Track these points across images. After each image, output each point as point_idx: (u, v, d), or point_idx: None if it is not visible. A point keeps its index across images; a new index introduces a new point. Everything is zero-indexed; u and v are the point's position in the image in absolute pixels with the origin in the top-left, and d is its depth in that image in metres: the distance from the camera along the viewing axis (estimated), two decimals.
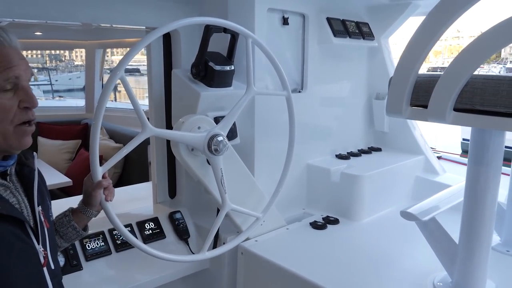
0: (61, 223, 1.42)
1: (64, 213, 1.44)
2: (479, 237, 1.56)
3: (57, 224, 1.41)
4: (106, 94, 1.40)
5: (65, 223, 1.42)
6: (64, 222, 1.42)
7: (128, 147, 1.49)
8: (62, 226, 1.42)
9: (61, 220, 1.42)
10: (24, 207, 1.16)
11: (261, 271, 1.96)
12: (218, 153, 1.76)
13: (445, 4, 1.24)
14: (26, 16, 1.86)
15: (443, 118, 1.29)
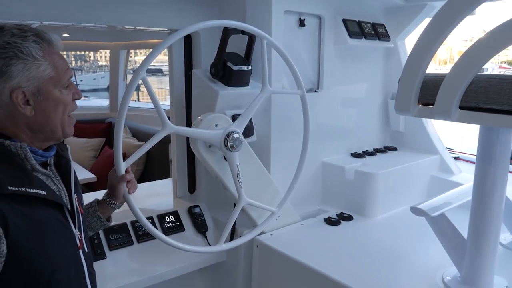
0: (87, 213, 1.52)
1: (90, 203, 1.54)
2: (487, 232, 1.60)
3: (84, 214, 1.50)
4: (129, 92, 1.50)
5: (91, 213, 1.52)
6: (90, 212, 1.52)
7: (149, 144, 1.59)
8: (88, 216, 1.52)
9: (87, 210, 1.52)
10: (63, 194, 1.27)
11: (276, 264, 2.03)
12: (234, 149, 1.84)
13: (450, 5, 1.29)
14: (56, 19, 1.98)
15: (449, 116, 1.34)
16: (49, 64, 1.14)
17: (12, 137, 1.15)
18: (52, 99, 1.16)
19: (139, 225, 2.16)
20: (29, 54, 1.09)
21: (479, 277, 1.63)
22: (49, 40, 1.15)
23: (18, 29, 1.10)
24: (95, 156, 4.91)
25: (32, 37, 1.11)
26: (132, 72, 6.92)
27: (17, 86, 1.10)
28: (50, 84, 1.15)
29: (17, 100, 1.11)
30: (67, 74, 1.19)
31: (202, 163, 2.40)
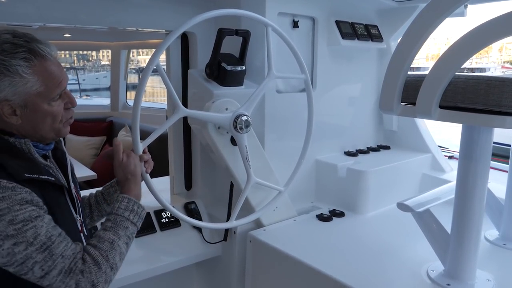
0: (108, 193, 1.63)
1: (111, 183, 1.65)
2: (469, 227, 1.66)
3: (105, 194, 1.63)
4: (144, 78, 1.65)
5: (111, 192, 1.63)
6: (110, 192, 1.63)
7: (163, 127, 1.73)
8: (109, 195, 1.62)
9: (108, 190, 1.63)
10: (64, 182, 1.35)
11: (268, 258, 2.10)
12: (243, 131, 1.95)
13: (430, 8, 1.36)
14: (58, 21, 2.05)
15: (429, 115, 1.40)
16: (38, 80, 1.17)
17: (15, 134, 1.23)
18: (40, 112, 1.21)
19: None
20: (15, 73, 1.13)
21: (462, 271, 1.69)
22: (43, 55, 1.18)
23: (10, 44, 1.14)
24: (96, 154, 4.98)
25: (23, 54, 1.14)
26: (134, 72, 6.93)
27: (3, 99, 1.15)
28: (38, 99, 1.20)
29: (3, 111, 1.17)
30: (58, 88, 1.22)
31: (199, 159, 2.50)
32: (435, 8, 1.34)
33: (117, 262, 1.25)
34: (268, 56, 2.00)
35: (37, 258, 1.09)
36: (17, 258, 1.08)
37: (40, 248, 1.10)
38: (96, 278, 1.17)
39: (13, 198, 1.08)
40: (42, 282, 1.13)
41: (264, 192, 2.23)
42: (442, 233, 1.76)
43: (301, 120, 2.30)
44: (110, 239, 1.25)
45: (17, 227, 1.07)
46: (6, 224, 1.06)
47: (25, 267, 1.09)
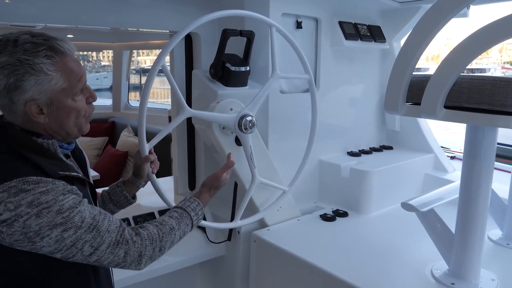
0: (115, 192, 1.65)
1: (117, 183, 1.67)
2: (473, 227, 1.67)
3: (111, 193, 1.65)
4: (149, 81, 1.67)
5: (118, 192, 1.64)
6: (117, 192, 1.65)
7: (168, 128, 1.76)
8: (115, 195, 1.64)
9: (115, 190, 1.65)
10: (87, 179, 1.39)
11: (272, 258, 2.11)
12: (247, 131, 1.97)
13: (435, 9, 1.37)
14: (61, 21, 2.05)
15: (434, 115, 1.41)
16: (61, 76, 1.19)
17: (41, 134, 1.25)
18: (64, 108, 1.23)
19: (141, 220, 2.24)
20: (40, 71, 1.15)
21: (466, 270, 1.70)
22: (62, 51, 1.19)
23: (31, 43, 1.14)
24: (98, 155, 4.99)
25: (44, 52, 1.15)
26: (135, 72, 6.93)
27: (30, 98, 1.17)
28: (62, 95, 1.21)
29: (30, 110, 1.19)
30: (79, 83, 1.25)
31: (203, 159, 2.51)
32: (440, 9, 1.34)
33: (167, 247, 1.36)
34: (272, 56, 2.01)
35: (86, 238, 1.17)
36: (66, 243, 1.14)
37: (88, 229, 1.17)
38: (144, 250, 1.28)
39: (56, 190, 1.13)
40: (89, 259, 1.20)
41: (268, 192, 2.24)
42: (446, 232, 1.77)
43: (305, 120, 2.31)
44: (172, 226, 1.38)
45: (65, 215, 1.13)
46: (55, 214, 1.12)
47: (75, 249, 1.16)
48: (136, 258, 1.27)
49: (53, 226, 1.11)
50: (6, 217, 1.08)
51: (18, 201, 1.08)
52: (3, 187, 1.09)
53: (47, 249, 1.13)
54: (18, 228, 1.09)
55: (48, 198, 1.11)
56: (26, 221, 1.09)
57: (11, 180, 1.10)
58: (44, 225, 1.10)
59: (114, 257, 1.23)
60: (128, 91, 5.55)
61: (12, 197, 1.08)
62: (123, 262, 1.26)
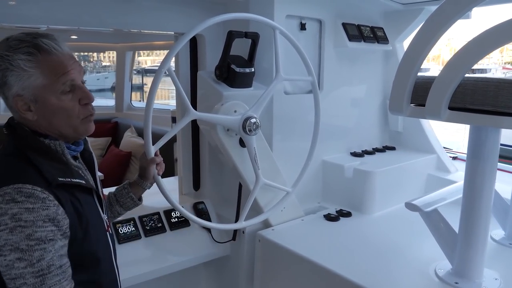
0: (121, 194, 1.66)
1: (123, 185, 1.68)
2: (477, 226, 1.69)
3: (118, 195, 1.67)
4: (156, 81, 1.68)
5: (124, 194, 1.66)
6: (123, 193, 1.66)
7: (174, 130, 1.77)
8: (121, 197, 1.66)
9: (121, 191, 1.67)
10: (92, 183, 1.40)
11: (277, 257, 2.13)
12: (251, 133, 1.99)
13: (440, 11, 1.39)
14: (64, 23, 2.06)
15: (438, 116, 1.43)
16: (41, 73, 1.20)
17: (48, 135, 1.26)
18: (50, 106, 1.23)
19: (147, 220, 2.26)
20: (17, 66, 1.17)
21: (469, 269, 1.72)
22: (46, 49, 1.20)
23: (17, 40, 1.18)
24: (101, 155, 5.01)
25: (26, 49, 1.18)
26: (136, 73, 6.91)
27: (15, 94, 1.20)
28: (45, 92, 1.21)
29: (17, 106, 1.21)
30: (63, 78, 1.22)
31: (207, 159, 2.53)
32: (446, 11, 1.36)
33: None
34: (276, 58, 2.03)
35: (28, 281, 1.11)
36: (11, 273, 1.11)
37: (36, 272, 1.12)
38: None
39: (40, 213, 1.12)
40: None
41: (272, 192, 2.26)
42: (449, 232, 1.79)
43: (308, 121, 2.33)
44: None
45: (30, 243, 1.11)
46: (24, 237, 1.10)
47: (13, 284, 1.12)
48: None
49: (14, 249, 1.10)
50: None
51: (5, 210, 1.10)
52: (0, 191, 1.12)
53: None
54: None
55: (29, 217, 1.10)
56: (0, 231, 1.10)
57: (8, 185, 1.12)
58: (9, 243, 1.10)
59: None
60: (131, 91, 5.57)
61: (4, 203, 1.10)
62: None
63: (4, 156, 1.22)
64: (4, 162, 1.20)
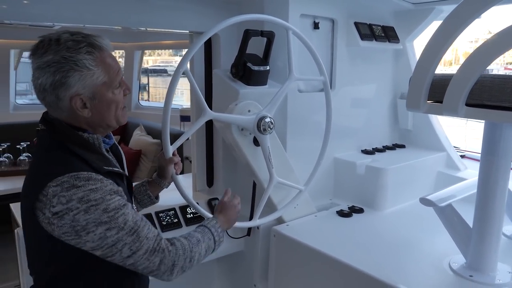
0: (139, 191, 1.71)
1: (142, 183, 1.74)
2: (491, 221, 1.73)
3: (136, 192, 1.70)
4: (174, 82, 1.71)
5: (142, 191, 1.72)
6: (141, 191, 1.72)
7: (191, 130, 1.84)
8: (139, 194, 1.71)
9: (139, 189, 1.72)
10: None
11: (292, 252, 2.17)
12: (266, 132, 2.02)
13: (459, 11, 1.43)
14: (75, 21, 2.08)
15: (455, 112, 1.47)
16: (102, 71, 1.26)
17: (86, 129, 1.31)
18: (106, 101, 1.30)
19: (163, 215, 2.30)
20: (83, 66, 1.22)
21: (483, 263, 1.76)
22: (100, 47, 1.26)
23: (72, 41, 1.21)
24: None
25: (85, 48, 1.22)
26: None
27: (75, 93, 1.24)
28: (104, 88, 1.28)
29: (76, 105, 1.25)
30: (118, 76, 1.31)
31: (221, 157, 2.57)
32: (465, 10, 1.40)
33: (195, 259, 1.40)
34: (289, 58, 2.06)
35: (126, 240, 1.22)
36: (108, 241, 1.20)
37: (129, 232, 1.22)
38: (177, 260, 1.32)
39: (104, 189, 1.20)
40: (126, 261, 1.25)
41: (285, 190, 2.29)
42: (464, 227, 1.83)
43: (320, 119, 2.37)
44: (198, 238, 1.42)
45: (110, 214, 1.19)
46: (101, 212, 1.18)
47: (115, 249, 1.21)
48: (170, 268, 1.31)
49: (98, 224, 1.17)
50: (58, 209, 1.15)
51: (70, 196, 1.15)
52: (56, 181, 1.16)
53: (90, 245, 1.20)
54: (67, 221, 1.16)
55: (96, 196, 1.18)
56: (75, 215, 1.16)
57: (63, 175, 1.17)
58: (90, 221, 1.17)
59: (150, 264, 1.27)
60: (139, 91, 5.62)
61: (65, 191, 1.15)
62: (156, 270, 1.29)
63: (47, 150, 1.26)
64: (51, 155, 1.24)
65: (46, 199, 1.16)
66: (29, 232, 1.31)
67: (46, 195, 1.16)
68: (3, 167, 3.87)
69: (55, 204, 1.15)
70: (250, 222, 2.15)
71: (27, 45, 5.08)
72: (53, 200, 1.15)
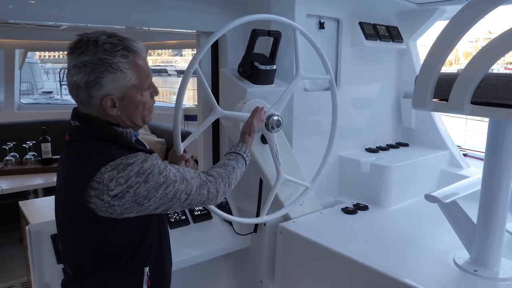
0: None
1: None
2: (494, 217, 1.76)
3: None
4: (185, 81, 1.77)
5: None
6: None
7: (201, 127, 1.89)
8: None
9: None
10: None
11: (298, 247, 2.20)
12: (274, 130, 2.07)
13: (464, 12, 1.46)
14: (85, 21, 2.12)
15: (461, 110, 1.50)
16: (134, 74, 1.32)
17: (119, 124, 1.38)
18: (134, 102, 1.36)
19: (171, 213, 2.33)
20: (117, 69, 1.28)
21: (488, 258, 1.79)
22: (135, 50, 1.32)
23: (109, 44, 1.27)
24: None
25: (121, 52, 1.28)
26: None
27: (106, 93, 1.30)
28: (134, 90, 1.35)
29: (106, 104, 1.31)
30: (148, 79, 1.38)
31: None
32: (471, 10, 1.43)
33: (233, 183, 1.61)
34: (296, 57, 2.11)
35: (181, 188, 1.36)
36: (168, 197, 1.33)
37: (181, 180, 1.37)
38: (219, 187, 1.51)
39: (150, 157, 1.32)
40: (183, 204, 1.40)
41: (291, 187, 2.33)
42: (468, 223, 1.86)
43: (326, 117, 2.41)
44: (233, 166, 1.64)
45: (164, 174, 1.32)
46: (157, 176, 1.30)
47: (175, 200, 1.35)
48: (215, 194, 1.49)
49: (158, 187, 1.30)
50: (117, 191, 1.24)
51: (127, 174, 1.25)
52: (111, 166, 1.24)
53: (153, 207, 1.31)
54: (128, 198, 1.26)
55: (148, 165, 1.29)
56: (136, 190, 1.26)
57: (114, 160, 1.25)
58: (151, 188, 1.28)
59: (201, 197, 1.44)
60: None
61: (121, 172, 1.25)
62: (207, 200, 1.46)
63: (87, 143, 1.33)
64: (94, 147, 1.31)
65: (102, 186, 1.24)
66: (72, 226, 1.38)
67: (102, 181, 1.24)
68: (9, 165, 3.90)
69: (113, 187, 1.24)
70: (258, 218, 2.19)
71: (32, 44, 5.14)
72: (110, 185, 1.24)
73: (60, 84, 10.92)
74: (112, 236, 1.35)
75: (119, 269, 1.39)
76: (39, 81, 10.96)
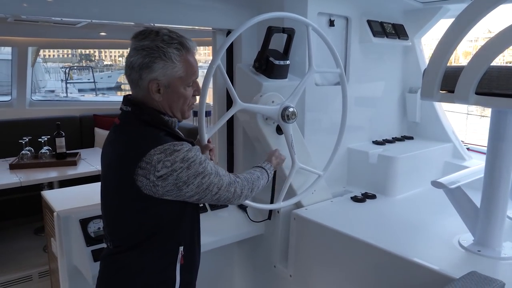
0: None
1: None
2: (497, 201, 1.90)
3: None
4: (209, 76, 1.87)
5: None
6: None
7: (223, 119, 2.01)
8: None
9: None
10: None
11: (311, 233, 2.33)
12: (289, 121, 2.20)
13: (470, 9, 1.59)
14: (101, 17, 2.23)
15: (466, 100, 1.63)
16: (182, 67, 1.47)
17: (165, 113, 1.52)
18: (177, 93, 1.50)
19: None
20: (169, 58, 1.43)
21: (490, 239, 1.92)
22: (188, 47, 1.48)
23: (168, 36, 1.43)
24: None
25: (176, 45, 1.44)
26: None
27: (154, 78, 1.45)
28: (178, 82, 1.49)
29: (151, 88, 1.46)
30: (193, 76, 1.52)
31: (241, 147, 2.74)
32: (476, 7, 1.56)
33: (255, 190, 1.76)
34: (309, 52, 2.23)
35: (215, 181, 1.50)
36: (203, 187, 1.47)
37: (215, 174, 1.51)
38: (244, 189, 1.65)
39: (194, 149, 1.47)
40: (213, 197, 1.53)
41: (304, 176, 2.46)
42: (472, 207, 1.99)
43: (335, 110, 2.53)
44: (258, 175, 1.80)
45: (203, 165, 1.47)
46: (198, 165, 1.44)
47: (207, 191, 1.48)
48: (239, 194, 1.62)
49: (196, 175, 1.44)
50: (163, 172, 1.39)
51: (173, 159, 1.40)
52: (160, 149, 1.40)
53: (189, 194, 1.45)
54: (171, 180, 1.40)
55: (191, 154, 1.44)
56: (179, 174, 1.40)
57: (163, 144, 1.40)
58: (191, 175, 1.42)
59: (228, 194, 1.57)
60: None
61: (169, 156, 1.39)
62: (232, 198, 1.60)
63: (138, 127, 1.47)
64: (144, 131, 1.46)
65: (150, 166, 1.38)
66: (118, 202, 1.52)
67: (150, 162, 1.38)
68: (25, 159, 4.03)
69: (159, 168, 1.38)
70: (274, 204, 2.32)
71: (44, 42, 5.26)
72: (157, 166, 1.38)
73: (65, 82, 11.01)
74: (153, 214, 1.49)
75: (158, 246, 1.52)
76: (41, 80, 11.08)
